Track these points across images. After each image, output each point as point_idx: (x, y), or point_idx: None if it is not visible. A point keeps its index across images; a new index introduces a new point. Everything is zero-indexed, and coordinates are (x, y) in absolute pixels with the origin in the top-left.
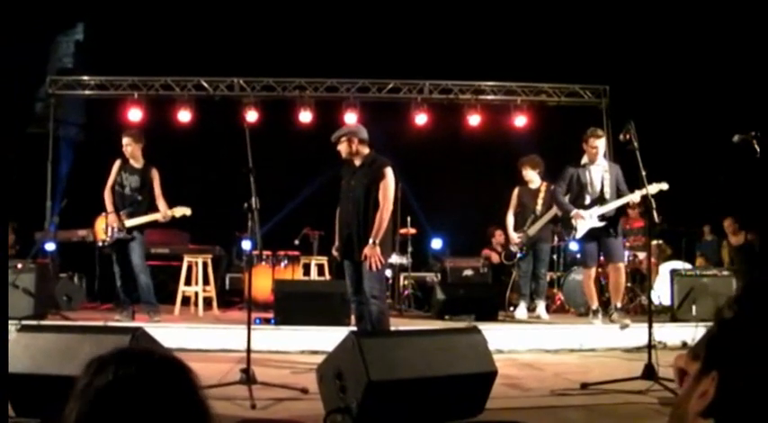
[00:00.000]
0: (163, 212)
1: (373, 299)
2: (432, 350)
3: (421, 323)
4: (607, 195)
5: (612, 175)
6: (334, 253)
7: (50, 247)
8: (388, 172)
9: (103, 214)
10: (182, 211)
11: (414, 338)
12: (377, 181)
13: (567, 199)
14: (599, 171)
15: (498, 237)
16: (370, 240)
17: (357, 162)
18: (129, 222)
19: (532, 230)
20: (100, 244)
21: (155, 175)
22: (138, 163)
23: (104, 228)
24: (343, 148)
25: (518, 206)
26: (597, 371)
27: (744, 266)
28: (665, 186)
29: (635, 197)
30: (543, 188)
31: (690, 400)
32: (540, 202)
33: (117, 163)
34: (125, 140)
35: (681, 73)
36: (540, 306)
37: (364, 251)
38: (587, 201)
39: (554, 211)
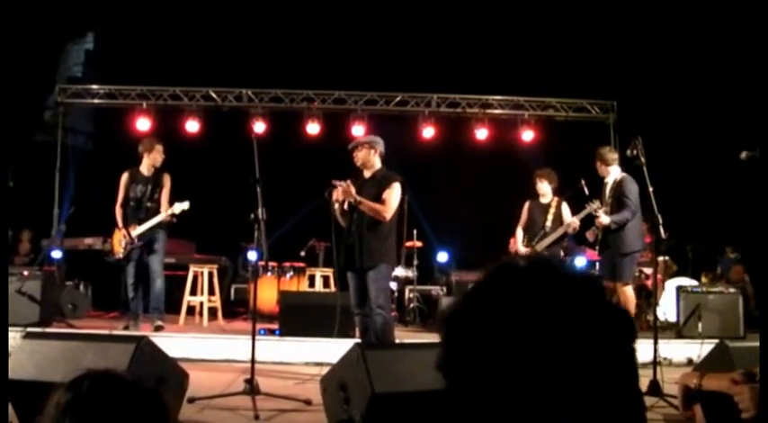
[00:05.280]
0: (165, 213)
1: (379, 308)
2: None
3: (426, 336)
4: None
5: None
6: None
7: (57, 254)
8: (397, 185)
9: (118, 229)
10: (180, 207)
11: (418, 351)
12: (384, 191)
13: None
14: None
15: None
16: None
17: (367, 174)
18: (140, 229)
19: (541, 246)
20: (115, 258)
21: (166, 181)
22: (150, 171)
23: (120, 241)
24: (361, 155)
25: (528, 221)
26: None
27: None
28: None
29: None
30: (554, 204)
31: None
32: (549, 217)
33: (124, 176)
34: (161, 148)
35: (689, 88)
36: None
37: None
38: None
39: (564, 227)
